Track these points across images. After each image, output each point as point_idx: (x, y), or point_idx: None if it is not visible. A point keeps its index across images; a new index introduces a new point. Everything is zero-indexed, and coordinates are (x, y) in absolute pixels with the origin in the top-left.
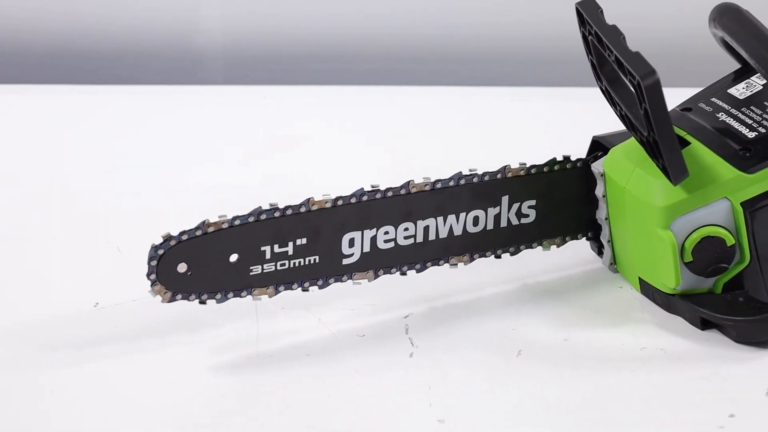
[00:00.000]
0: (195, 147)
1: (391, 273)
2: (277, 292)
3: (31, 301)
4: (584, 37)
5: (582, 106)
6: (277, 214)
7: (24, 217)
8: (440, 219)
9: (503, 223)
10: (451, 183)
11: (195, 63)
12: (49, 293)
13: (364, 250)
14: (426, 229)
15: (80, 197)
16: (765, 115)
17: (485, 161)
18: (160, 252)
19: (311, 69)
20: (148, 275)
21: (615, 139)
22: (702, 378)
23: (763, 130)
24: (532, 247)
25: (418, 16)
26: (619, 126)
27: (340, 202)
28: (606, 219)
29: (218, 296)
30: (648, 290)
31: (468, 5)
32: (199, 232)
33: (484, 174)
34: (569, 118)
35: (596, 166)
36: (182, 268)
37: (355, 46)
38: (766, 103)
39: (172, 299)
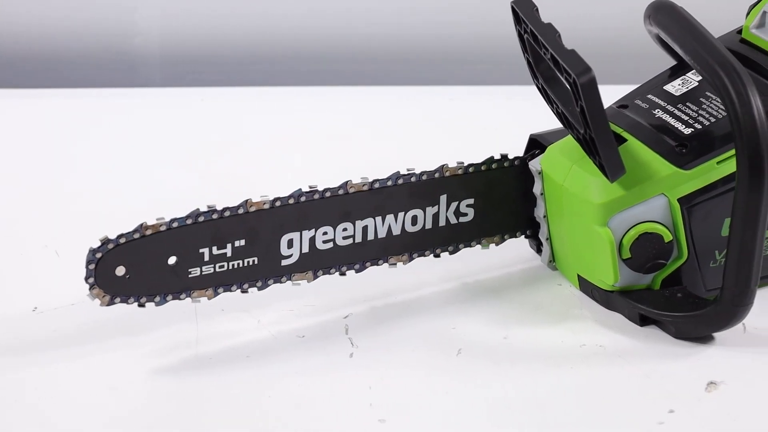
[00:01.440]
0: (132, 150)
1: (330, 273)
2: (216, 294)
3: None
4: (520, 36)
5: (519, 105)
6: (215, 216)
7: None
8: (379, 219)
9: (442, 222)
10: (389, 183)
11: (132, 65)
12: None
13: (303, 251)
14: (365, 229)
15: (17, 201)
16: (701, 112)
17: (424, 160)
18: (98, 255)
19: (249, 70)
20: (86, 279)
21: (552, 136)
22: (641, 374)
23: (699, 126)
24: (471, 246)
25: (358, 16)
26: (556, 124)
27: (278, 203)
28: (544, 217)
29: (157, 299)
30: (587, 287)
31: (406, 5)
32: (137, 235)
33: (422, 173)
34: (507, 117)
35: (534, 164)
36: (120, 271)
37: (293, 48)
38: (701, 99)
39: (111, 302)
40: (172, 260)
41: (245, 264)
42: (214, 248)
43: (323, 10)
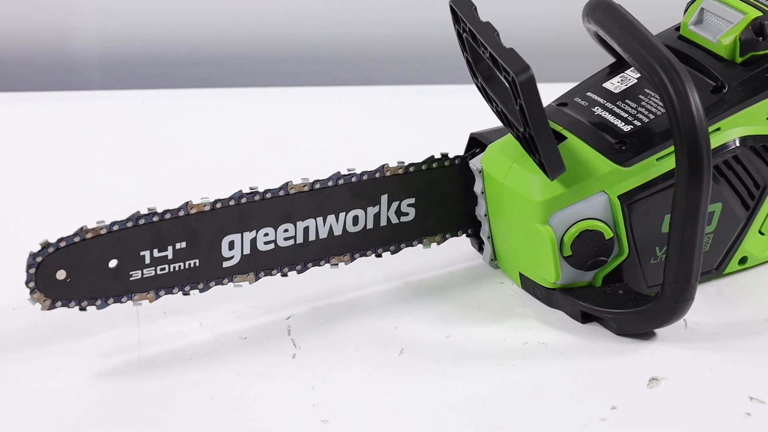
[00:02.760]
0: (72, 153)
1: (271, 274)
2: (157, 296)
3: None
4: (459, 35)
5: (459, 104)
6: (155, 219)
7: None
8: (320, 219)
9: (383, 222)
10: (330, 183)
11: (71, 68)
12: None
13: (245, 253)
14: (306, 229)
15: None
16: (640, 109)
17: (364, 160)
18: (39, 259)
19: (189, 72)
20: (26, 283)
21: (492, 135)
22: (583, 371)
23: (638, 123)
24: (412, 245)
25: (294, 16)
26: (496, 123)
27: (218, 205)
28: (485, 215)
29: (98, 302)
30: (529, 285)
31: (343, 5)
32: (77, 239)
33: (363, 173)
34: (447, 116)
35: (474, 163)
36: (61, 275)
37: (231, 49)
38: (640, 96)
39: (52, 306)
40: (113, 263)
41: (186, 266)
42: (155, 251)
43: (263, 10)
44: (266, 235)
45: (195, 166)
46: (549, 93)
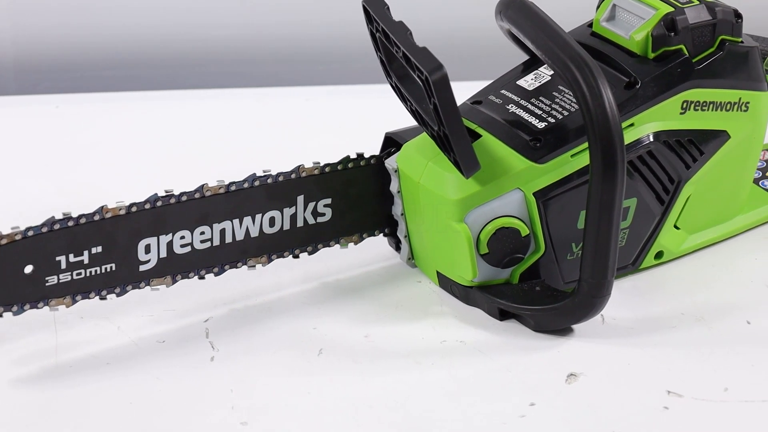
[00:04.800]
0: None
1: (189, 277)
2: (74, 301)
3: None
4: (372, 35)
5: (374, 103)
6: (71, 224)
7: None
8: (236, 221)
9: (300, 223)
10: (246, 185)
11: None
12: None
13: (161, 256)
14: (222, 231)
15: None
16: (554, 106)
17: (280, 162)
18: None
19: (103, 76)
20: None
21: (407, 134)
22: (502, 368)
23: (553, 120)
24: (329, 246)
25: (207, 17)
26: (411, 122)
27: (134, 209)
28: (402, 214)
29: (14, 308)
30: (446, 283)
31: (256, 5)
32: None
33: (279, 174)
34: (362, 116)
35: (390, 162)
36: None
37: (145, 52)
38: (554, 93)
39: None
40: (28, 269)
41: (103, 271)
42: (71, 256)
43: (177, 12)
44: (183, 238)
45: (110, 170)
46: (463, 91)
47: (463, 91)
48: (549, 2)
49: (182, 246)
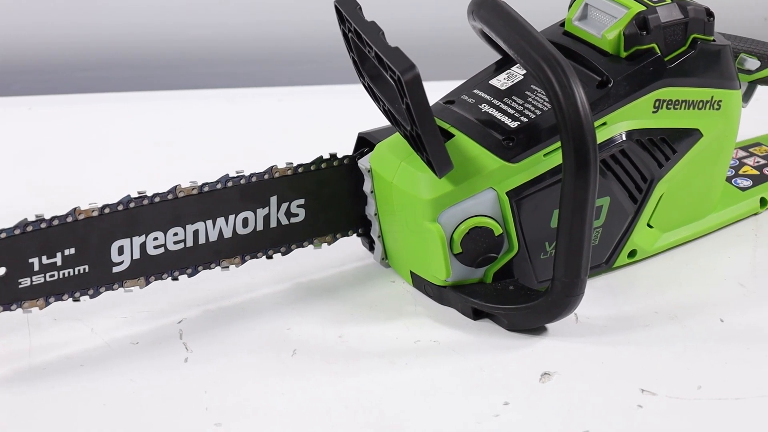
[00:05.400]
0: None
1: (162, 279)
2: (47, 303)
3: None
4: (344, 35)
5: (347, 104)
6: (43, 225)
7: None
8: (209, 222)
9: (273, 224)
10: (219, 186)
11: None
12: None
13: (134, 257)
14: (195, 233)
15: None
16: (526, 105)
17: (253, 162)
18: None
19: (76, 77)
20: None
21: (380, 134)
22: (476, 367)
23: (525, 120)
24: (303, 246)
25: (180, 18)
26: (384, 122)
27: (107, 210)
28: (375, 215)
29: None
30: (420, 283)
31: (229, 6)
32: None
33: (252, 175)
34: (335, 116)
35: (363, 163)
36: None
37: (118, 53)
38: (527, 92)
39: None
40: (1, 271)
41: (76, 272)
42: (44, 258)
43: (150, 13)
44: (156, 239)
45: (83, 171)
46: (436, 91)
47: (435, 91)
48: (521, 2)
49: (155, 247)
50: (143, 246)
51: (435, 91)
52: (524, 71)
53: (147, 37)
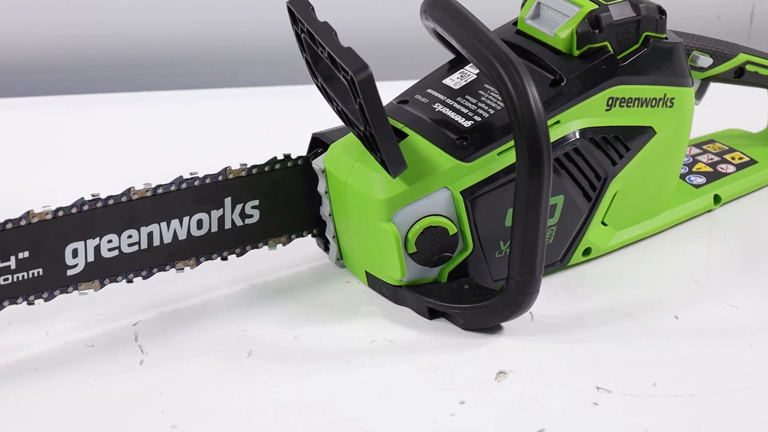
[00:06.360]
0: None
1: (117, 281)
2: (1, 307)
3: None
4: (297, 35)
5: (301, 104)
6: None
7: None
8: (164, 224)
9: (227, 225)
10: (173, 187)
11: None
12: None
13: (89, 260)
14: (150, 235)
15: None
16: (480, 104)
17: (208, 164)
18: None
19: (27, 81)
20: None
21: (334, 135)
22: (432, 367)
23: (479, 119)
24: (258, 247)
25: (130, 19)
26: (338, 122)
27: (60, 213)
28: (330, 215)
29: None
30: (375, 283)
31: (180, 7)
32: None
33: (206, 177)
34: (289, 117)
35: (317, 163)
36: None
37: (71, 56)
38: (480, 91)
39: None
40: None
41: (30, 276)
42: None
43: (97, 15)
44: (110, 241)
45: (37, 174)
46: (389, 91)
47: (389, 91)
48: (474, 1)
49: (110, 250)
50: (97, 249)
51: (388, 91)
52: (477, 70)
53: (100, 39)
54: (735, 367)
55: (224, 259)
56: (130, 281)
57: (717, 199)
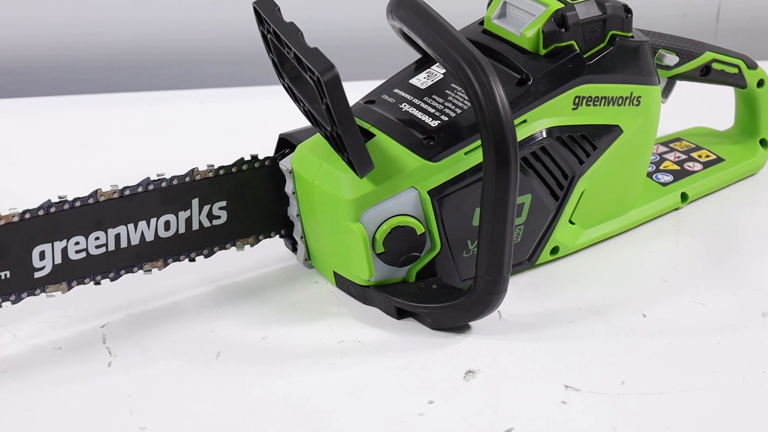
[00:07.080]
0: None
1: (84, 283)
2: None
3: None
4: (264, 36)
5: (268, 105)
6: None
7: None
8: (131, 226)
9: (195, 226)
10: (140, 189)
11: None
12: None
13: (56, 262)
14: (117, 236)
15: None
16: (447, 104)
17: (175, 165)
18: None
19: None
20: None
21: (301, 135)
22: (400, 367)
23: (446, 118)
24: (225, 248)
25: (98, 19)
26: (305, 122)
27: (27, 216)
28: (298, 215)
29: None
30: (343, 283)
31: (147, 8)
32: None
33: (173, 178)
34: (256, 117)
35: (284, 164)
36: None
37: (37, 58)
38: (447, 91)
39: None
40: None
41: None
42: None
43: (64, 16)
44: (77, 243)
45: (3, 177)
46: (356, 91)
47: (355, 91)
48: (440, 1)
49: (77, 252)
50: (65, 251)
51: (355, 91)
52: (444, 70)
53: (66, 39)
54: (703, 365)
55: (192, 260)
56: (97, 283)
57: (684, 197)
